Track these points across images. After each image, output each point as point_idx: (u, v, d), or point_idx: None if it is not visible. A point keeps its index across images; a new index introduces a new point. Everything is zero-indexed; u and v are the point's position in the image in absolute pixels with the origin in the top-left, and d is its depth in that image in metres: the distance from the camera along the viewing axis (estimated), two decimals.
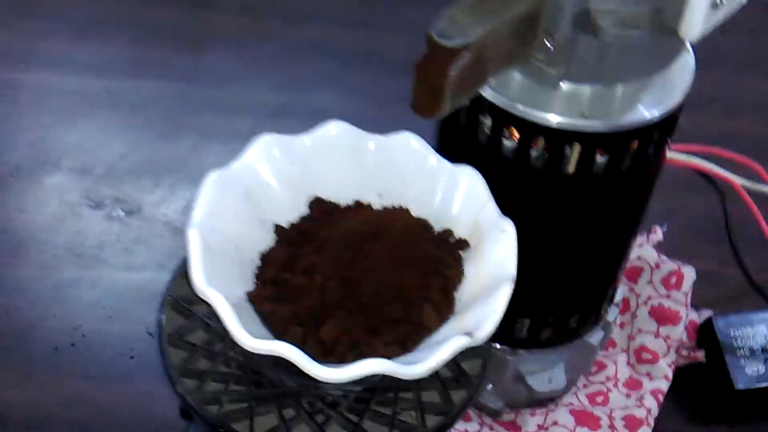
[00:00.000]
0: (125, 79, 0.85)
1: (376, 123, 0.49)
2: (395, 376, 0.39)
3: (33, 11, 0.90)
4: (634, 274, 0.66)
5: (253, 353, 0.41)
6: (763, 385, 0.61)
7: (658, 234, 0.67)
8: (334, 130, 0.48)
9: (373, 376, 0.41)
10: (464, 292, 0.45)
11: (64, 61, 0.86)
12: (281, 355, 0.39)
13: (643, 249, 0.67)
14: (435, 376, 0.45)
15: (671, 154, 0.67)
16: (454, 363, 0.46)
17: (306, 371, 0.38)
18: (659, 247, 0.67)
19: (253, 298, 0.43)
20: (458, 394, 0.46)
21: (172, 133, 0.80)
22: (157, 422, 0.61)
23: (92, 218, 0.72)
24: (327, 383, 0.41)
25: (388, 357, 0.39)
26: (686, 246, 0.69)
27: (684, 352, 0.64)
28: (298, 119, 0.51)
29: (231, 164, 0.46)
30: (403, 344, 0.41)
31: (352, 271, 0.44)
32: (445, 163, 0.48)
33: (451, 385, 0.46)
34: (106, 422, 0.62)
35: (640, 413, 0.60)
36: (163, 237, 0.71)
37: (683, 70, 0.51)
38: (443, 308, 0.43)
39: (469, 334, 0.39)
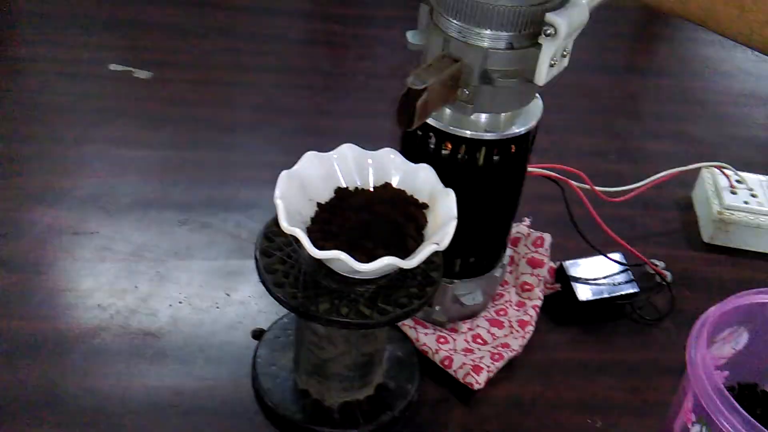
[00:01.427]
0: None
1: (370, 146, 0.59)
2: (400, 266, 0.51)
3: None
4: (516, 241, 0.74)
5: (310, 264, 0.54)
6: (593, 298, 0.70)
7: (526, 221, 0.76)
8: (348, 149, 0.59)
9: (382, 276, 0.55)
10: (429, 229, 0.55)
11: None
12: (337, 258, 0.50)
13: (519, 227, 0.75)
14: (408, 287, 0.56)
15: (533, 168, 0.73)
16: (422, 283, 0.56)
17: (351, 266, 0.50)
18: (529, 226, 0.76)
19: (314, 238, 0.53)
20: (422, 297, 0.55)
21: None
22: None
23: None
24: (354, 284, 0.54)
25: None
26: (545, 223, 0.76)
27: (549, 285, 0.72)
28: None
29: (293, 168, 0.56)
30: (399, 255, 0.51)
31: (364, 221, 0.55)
32: (410, 164, 0.58)
33: (418, 294, 0.56)
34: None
35: (526, 318, 0.68)
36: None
37: (536, 107, 0.60)
38: (417, 238, 0.54)
39: (437, 243, 0.52)
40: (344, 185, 0.59)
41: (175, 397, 0.62)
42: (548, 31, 0.53)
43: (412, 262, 0.52)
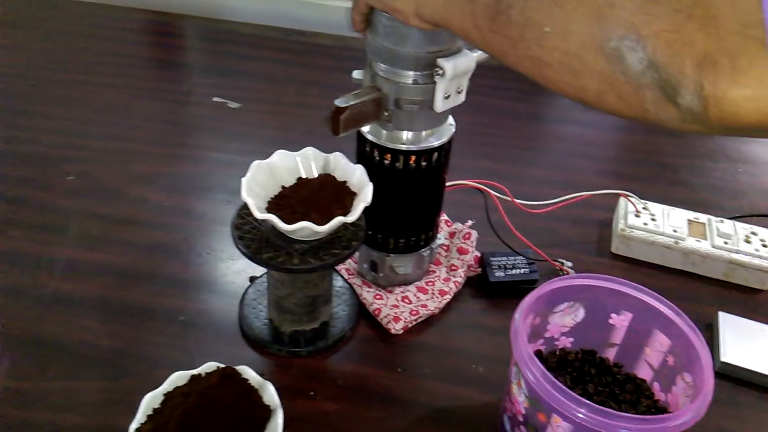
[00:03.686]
0: None
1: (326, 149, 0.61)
2: (315, 230, 0.54)
3: None
4: (452, 234, 0.74)
5: (268, 228, 0.57)
6: (502, 280, 0.69)
7: (469, 223, 0.75)
8: (310, 151, 0.62)
9: (315, 238, 0.57)
10: (355, 208, 0.57)
11: None
12: (268, 219, 0.54)
13: (457, 225, 0.75)
14: (332, 249, 0.57)
15: (466, 181, 0.78)
16: (345, 247, 0.57)
17: (281, 227, 0.54)
18: (470, 226, 0.75)
19: (268, 208, 0.57)
20: (337, 257, 0.56)
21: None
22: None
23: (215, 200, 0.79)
24: (294, 242, 0.57)
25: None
26: (478, 224, 0.75)
27: (472, 268, 0.72)
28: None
29: (266, 160, 0.59)
30: (326, 223, 0.54)
31: (310, 198, 0.57)
32: (351, 164, 0.60)
33: (346, 247, 0.58)
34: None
35: (446, 289, 0.69)
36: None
37: (449, 126, 0.61)
38: (344, 213, 0.56)
39: (344, 216, 0.55)
40: (303, 175, 0.62)
41: (181, 311, 0.65)
42: (439, 72, 0.55)
43: (323, 228, 0.54)
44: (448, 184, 0.67)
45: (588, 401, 0.44)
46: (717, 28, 0.30)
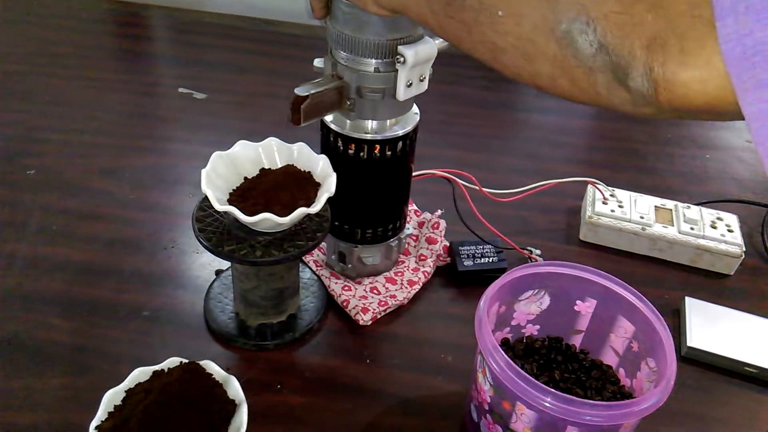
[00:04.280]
0: None
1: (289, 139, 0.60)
2: (276, 221, 0.53)
3: None
4: (421, 224, 0.74)
5: (230, 220, 0.56)
6: (471, 269, 0.70)
7: (438, 212, 0.75)
8: (273, 141, 0.61)
9: (279, 230, 0.56)
10: (318, 199, 0.56)
11: None
12: (228, 211, 0.53)
13: (426, 215, 0.75)
14: (296, 241, 0.56)
15: (434, 171, 0.77)
16: (310, 238, 0.57)
17: (240, 218, 0.53)
18: (439, 216, 0.74)
19: (230, 200, 0.56)
20: (300, 248, 0.56)
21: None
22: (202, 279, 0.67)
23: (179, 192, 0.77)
24: (256, 234, 0.56)
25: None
26: (446, 213, 0.74)
27: (442, 258, 0.72)
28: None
29: (227, 150, 0.59)
30: (289, 214, 0.53)
31: (273, 189, 0.56)
32: (314, 154, 0.59)
33: (311, 239, 0.57)
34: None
35: (415, 279, 0.69)
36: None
37: (414, 115, 0.60)
38: (307, 204, 0.55)
39: (306, 207, 0.54)
40: (266, 166, 0.61)
41: (145, 306, 0.64)
42: (400, 60, 0.54)
43: (285, 220, 0.54)
44: (415, 173, 0.67)
45: (551, 389, 0.44)
46: (666, 9, 0.30)
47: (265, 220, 0.53)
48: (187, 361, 0.53)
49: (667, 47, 0.29)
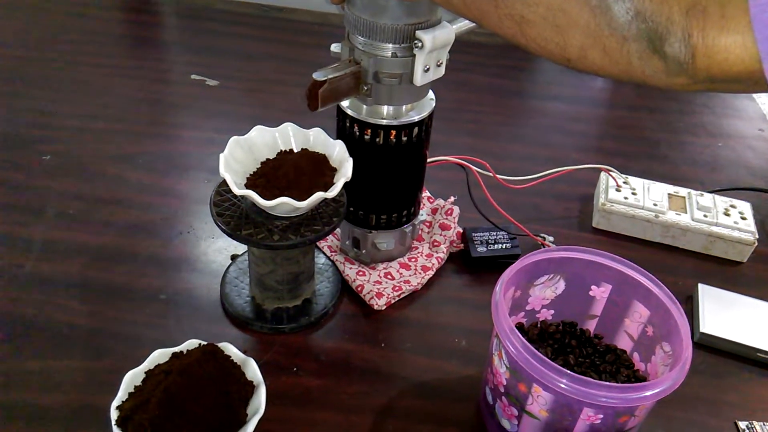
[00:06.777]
0: None
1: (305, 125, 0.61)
2: (295, 206, 0.53)
3: None
4: (435, 210, 0.75)
5: (248, 204, 0.57)
6: (485, 255, 0.70)
7: (452, 199, 0.75)
8: (290, 126, 0.61)
9: (296, 214, 0.56)
10: (335, 184, 0.56)
11: None
12: (247, 195, 0.53)
13: (439, 201, 0.76)
14: (313, 225, 0.57)
15: (448, 157, 0.76)
16: (326, 224, 0.57)
17: (258, 202, 0.53)
18: (452, 203, 0.75)
19: (247, 184, 0.56)
20: (316, 233, 0.56)
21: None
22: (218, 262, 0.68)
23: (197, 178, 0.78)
24: (274, 219, 0.56)
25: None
26: (460, 199, 0.75)
27: (455, 244, 0.72)
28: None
29: (244, 135, 0.59)
30: (306, 198, 0.53)
31: (290, 174, 0.56)
32: (330, 139, 0.60)
33: (327, 223, 0.58)
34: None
35: (429, 264, 0.69)
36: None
37: (430, 101, 0.60)
38: (324, 189, 0.56)
39: (324, 192, 0.54)
40: (283, 148, 0.61)
41: (161, 290, 0.65)
42: (418, 44, 0.54)
43: (303, 204, 0.54)
44: (430, 160, 0.67)
45: (568, 371, 0.44)
46: None
47: (283, 204, 0.54)
48: (205, 342, 0.53)
49: (708, 13, 0.29)
